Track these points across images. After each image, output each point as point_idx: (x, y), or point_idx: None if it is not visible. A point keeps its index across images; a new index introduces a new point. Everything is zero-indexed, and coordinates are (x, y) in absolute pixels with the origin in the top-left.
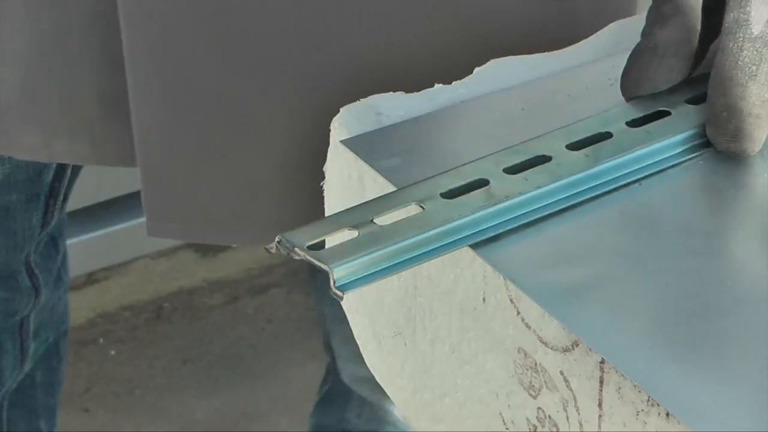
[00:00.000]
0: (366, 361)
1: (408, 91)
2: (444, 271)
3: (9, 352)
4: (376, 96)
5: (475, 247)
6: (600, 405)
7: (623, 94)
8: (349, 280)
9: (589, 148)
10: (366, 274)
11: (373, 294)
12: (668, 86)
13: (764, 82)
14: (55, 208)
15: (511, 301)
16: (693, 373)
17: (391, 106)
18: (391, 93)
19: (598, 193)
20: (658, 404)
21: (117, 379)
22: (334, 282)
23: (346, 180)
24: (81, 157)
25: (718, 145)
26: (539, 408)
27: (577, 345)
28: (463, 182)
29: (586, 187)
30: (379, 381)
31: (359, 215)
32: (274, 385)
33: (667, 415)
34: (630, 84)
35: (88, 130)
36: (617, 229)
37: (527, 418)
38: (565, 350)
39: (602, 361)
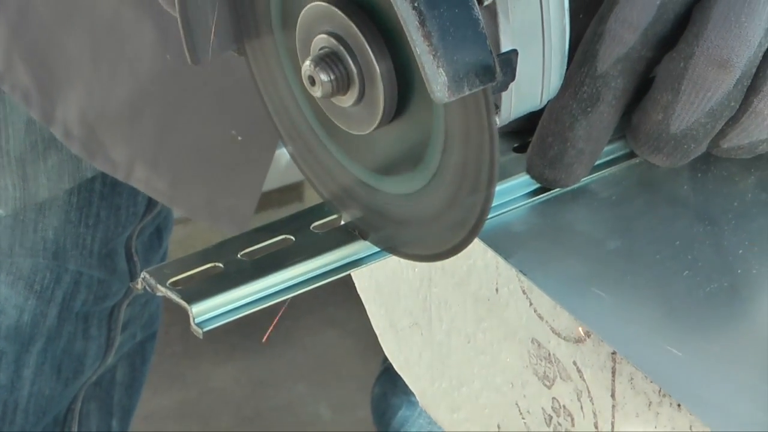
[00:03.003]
0: (384, 350)
1: None
2: (457, 262)
3: (94, 339)
4: None
5: (486, 240)
6: (613, 395)
7: None
8: (209, 317)
9: None
10: (227, 310)
11: (389, 284)
12: None
13: (596, 121)
14: None
15: (524, 292)
16: (704, 364)
17: None
18: None
19: None
20: (670, 395)
21: None
22: (194, 319)
23: None
24: (155, 190)
25: (533, 168)
26: (554, 398)
27: (589, 336)
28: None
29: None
30: (397, 370)
31: (226, 250)
32: (290, 352)
33: (679, 406)
34: None
35: (172, 171)
36: (627, 216)
37: (542, 408)
38: (578, 341)
39: (614, 352)
